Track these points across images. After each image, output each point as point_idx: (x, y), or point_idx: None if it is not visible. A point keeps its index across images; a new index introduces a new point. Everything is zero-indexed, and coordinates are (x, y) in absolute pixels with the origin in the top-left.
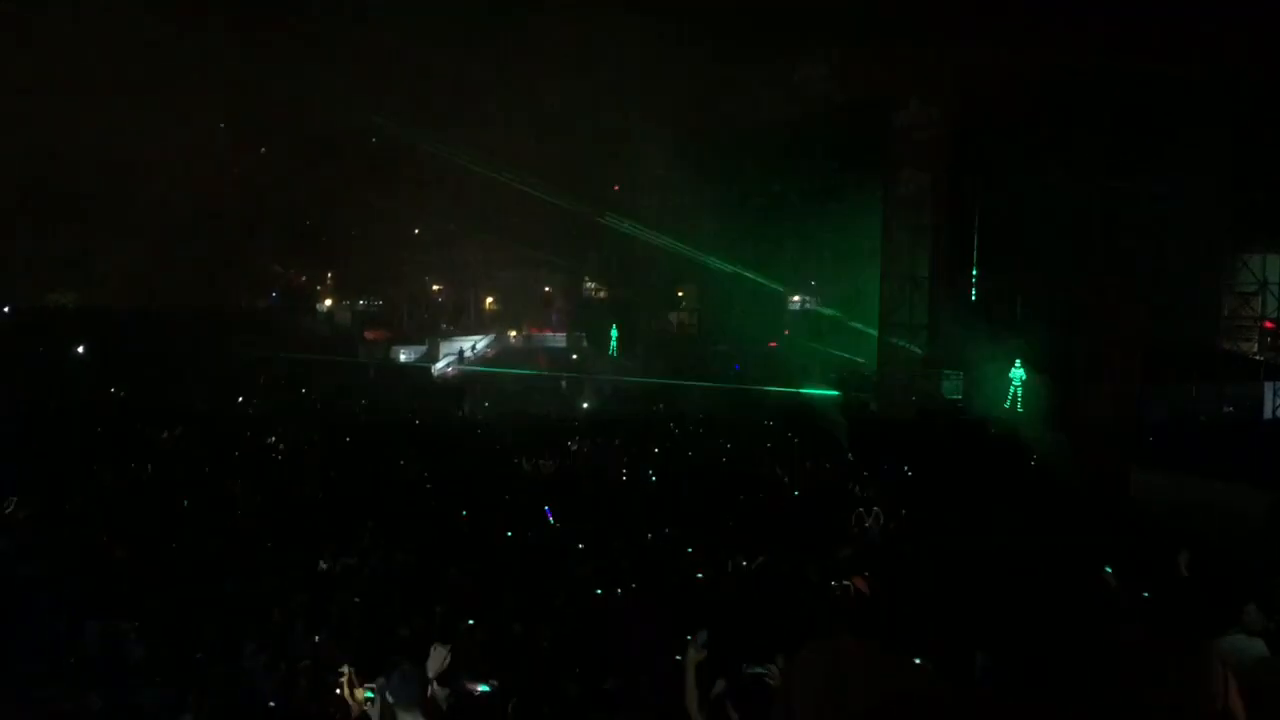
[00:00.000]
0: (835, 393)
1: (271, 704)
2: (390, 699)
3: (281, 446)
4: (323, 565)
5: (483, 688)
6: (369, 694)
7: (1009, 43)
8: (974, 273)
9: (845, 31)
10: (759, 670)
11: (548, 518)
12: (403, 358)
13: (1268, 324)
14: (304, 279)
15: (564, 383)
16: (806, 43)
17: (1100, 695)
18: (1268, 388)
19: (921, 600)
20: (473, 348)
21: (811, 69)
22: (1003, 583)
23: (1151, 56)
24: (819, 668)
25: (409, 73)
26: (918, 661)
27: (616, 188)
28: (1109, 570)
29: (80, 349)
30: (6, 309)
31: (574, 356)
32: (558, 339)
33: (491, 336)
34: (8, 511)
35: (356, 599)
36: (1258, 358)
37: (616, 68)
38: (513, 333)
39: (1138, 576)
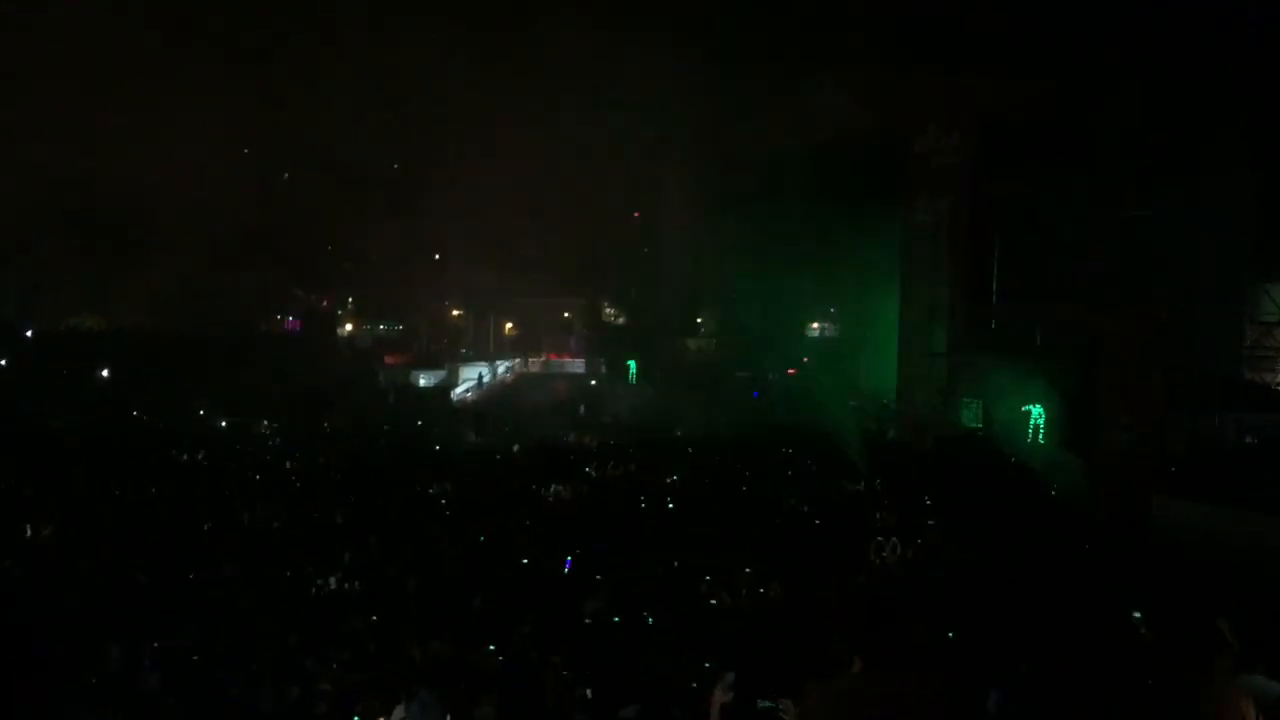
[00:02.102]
0: (853, 420)
1: None
2: None
3: (301, 470)
4: (331, 584)
5: None
6: None
7: (1028, 69)
8: (993, 300)
9: (863, 58)
10: (770, 705)
11: (567, 559)
12: (422, 382)
13: None
14: (325, 303)
15: (582, 408)
16: (825, 70)
17: None
18: None
19: (937, 631)
20: (492, 373)
21: (830, 96)
22: (1021, 615)
23: (1173, 83)
24: (833, 703)
25: (430, 100)
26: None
27: (636, 215)
28: (1137, 615)
29: (103, 372)
30: (30, 332)
31: (593, 382)
32: (577, 364)
33: (511, 362)
34: (28, 535)
35: (374, 622)
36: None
37: (635, 95)
38: (532, 358)
39: (1159, 609)
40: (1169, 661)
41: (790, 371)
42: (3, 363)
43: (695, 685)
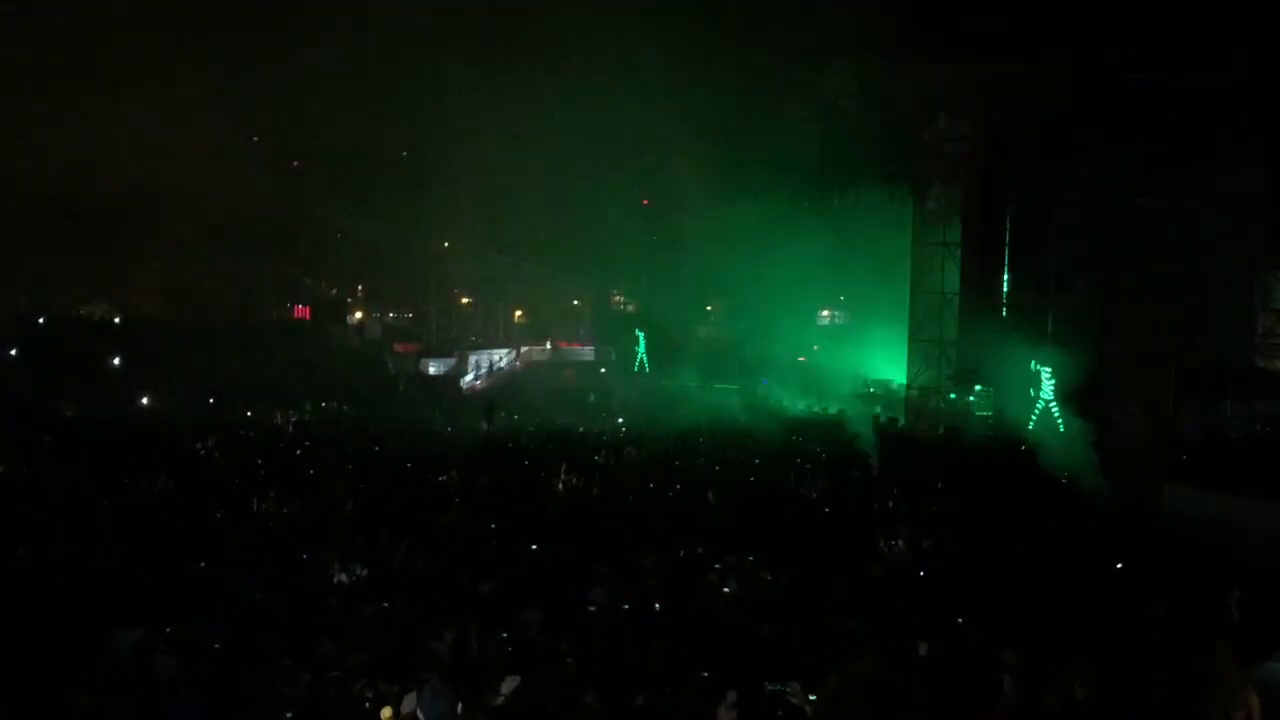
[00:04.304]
0: (863, 408)
1: (300, 715)
2: (420, 716)
3: (312, 458)
4: (342, 576)
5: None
6: None
7: (1039, 56)
8: (1004, 288)
9: (874, 45)
10: (780, 688)
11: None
12: (432, 370)
13: None
14: (334, 292)
15: (592, 396)
16: (836, 57)
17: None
18: None
19: (950, 617)
20: (501, 360)
21: (841, 83)
22: (1033, 601)
23: (1185, 70)
24: (852, 690)
25: (439, 87)
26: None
27: (646, 202)
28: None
29: (114, 361)
30: (41, 320)
31: (602, 370)
32: (586, 352)
33: (520, 349)
34: (41, 523)
35: (385, 610)
36: None
37: (647, 82)
38: (541, 345)
39: (1172, 596)
40: (1177, 648)
41: (800, 359)
42: (14, 351)
43: (705, 674)
